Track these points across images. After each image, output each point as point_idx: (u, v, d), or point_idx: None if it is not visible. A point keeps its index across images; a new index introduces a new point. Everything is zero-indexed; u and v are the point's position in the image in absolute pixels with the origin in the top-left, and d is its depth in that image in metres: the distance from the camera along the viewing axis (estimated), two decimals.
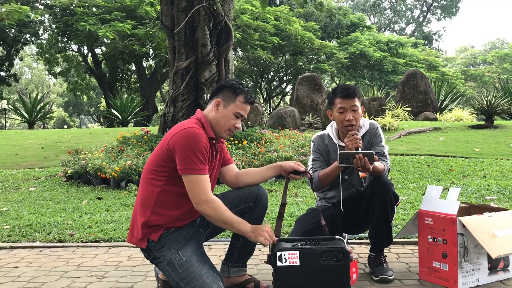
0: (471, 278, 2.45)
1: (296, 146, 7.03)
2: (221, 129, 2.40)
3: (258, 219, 2.50)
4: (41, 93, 27.54)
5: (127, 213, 4.56)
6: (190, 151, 2.22)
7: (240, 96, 2.39)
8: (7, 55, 25.93)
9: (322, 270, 2.21)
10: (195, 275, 2.19)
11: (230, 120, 2.39)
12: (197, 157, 2.23)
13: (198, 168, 2.23)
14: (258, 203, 2.49)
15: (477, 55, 46.91)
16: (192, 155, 2.22)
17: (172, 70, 7.35)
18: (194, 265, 2.23)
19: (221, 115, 2.39)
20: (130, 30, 16.02)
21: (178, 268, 2.23)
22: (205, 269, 2.23)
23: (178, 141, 2.25)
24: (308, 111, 14.33)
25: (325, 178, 2.75)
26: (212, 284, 2.18)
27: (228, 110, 2.38)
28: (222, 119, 2.38)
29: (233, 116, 2.39)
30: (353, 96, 2.74)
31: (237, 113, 2.39)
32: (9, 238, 3.89)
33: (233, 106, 2.38)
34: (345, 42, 25.55)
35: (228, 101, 2.39)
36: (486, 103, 11.63)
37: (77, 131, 15.31)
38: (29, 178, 7.46)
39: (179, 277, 2.21)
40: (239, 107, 2.39)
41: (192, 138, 2.24)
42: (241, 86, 2.42)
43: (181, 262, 2.23)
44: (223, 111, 2.38)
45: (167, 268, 2.26)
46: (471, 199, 4.67)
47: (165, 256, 2.27)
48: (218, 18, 7.24)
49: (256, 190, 2.51)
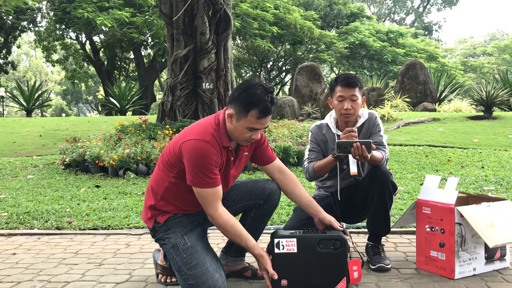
0: (468, 267, 2.46)
1: (295, 136, 7.02)
2: (236, 139, 2.27)
3: (264, 216, 2.48)
4: (39, 81, 27.35)
5: (125, 201, 4.56)
6: (197, 169, 2.16)
7: (253, 111, 2.14)
8: (4, 43, 25.78)
9: (319, 258, 2.22)
10: (199, 262, 2.20)
11: (244, 134, 2.22)
12: (204, 174, 2.16)
13: (206, 182, 2.17)
14: (268, 202, 2.45)
15: (476, 46, 46.78)
16: (199, 172, 2.17)
17: (170, 59, 7.31)
18: (198, 251, 2.23)
19: (234, 128, 2.22)
20: (128, 18, 15.89)
21: (182, 252, 2.23)
22: (209, 257, 2.23)
23: (187, 154, 2.19)
24: (307, 101, 14.31)
25: (319, 170, 2.78)
26: (215, 273, 2.18)
27: (240, 124, 2.19)
28: (235, 132, 2.23)
29: (246, 130, 2.20)
30: (353, 85, 2.73)
31: (251, 128, 2.20)
32: (7, 225, 3.89)
33: (245, 121, 2.18)
34: (345, 32, 25.45)
35: (240, 116, 2.18)
36: (485, 94, 11.63)
37: (75, 119, 15.27)
38: (27, 166, 7.45)
39: (183, 262, 2.21)
40: (252, 122, 2.17)
41: (201, 156, 2.16)
42: (255, 97, 2.14)
43: (186, 247, 2.23)
44: (236, 125, 2.20)
45: (171, 251, 2.26)
46: (469, 190, 4.68)
47: (170, 239, 2.27)
48: (217, 6, 7.19)
49: (269, 189, 2.45)
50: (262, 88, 2.16)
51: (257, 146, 2.45)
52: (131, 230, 3.66)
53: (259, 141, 2.43)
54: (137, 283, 2.47)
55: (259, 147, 2.45)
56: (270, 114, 2.18)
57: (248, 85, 2.19)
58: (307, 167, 2.85)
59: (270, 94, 2.16)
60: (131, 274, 2.63)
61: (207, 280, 2.15)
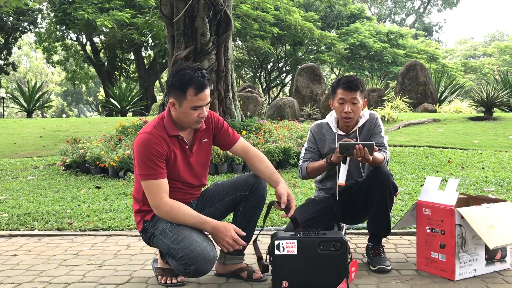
0: (469, 268, 2.46)
1: (295, 136, 7.03)
2: (187, 124, 2.37)
3: (253, 207, 2.49)
4: (39, 82, 27.38)
5: (125, 202, 4.56)
6: (140, 160, 2.29)
7: (190, 90, 2.25)
8: (5, 44, 25.79)
9: (319, 259, 2.22)
10: (186, 235, 2.25)
11: (191, 115, 2.31)
12: (147, 165, 2.27)
13: (149, 174, 2.28)
14: (254, 192, 2.47)
15: (477, 46, 46.77)
16: (142, 163, 2.29)
17: (171, 60, 7.31)
18: (184, 228, 2.29)
19: (180, 113, 2.32)
20: (129, 19, 15.89)
21: (169, 232, 2.30)
22: (196, 231, 2.29)
23: (133, 149, 2.36)
24: (307, 102, 14.31)
25: (312, 171, 2.82)
26: (203, 242, 2.24)
27: (184, 107, 2.29)
28: (183, 117, 2.33)
29: (191, 111, 2.30)
30: (355, 89, 2.73)
31: (194, 107, 2.29)
32: (7, 226, 3.89)
33: (186, 102, 2.28)
34: (345, 33, 25.44)
35: (180, 99, 2.29)
36: (486, 95, 11.62)
37: (75, 120, 15.27)
38: (28, 167, 7.45)
39: (170, 240, 2.27)
40: (193, 100, 2.27)
41: (141, 146, 2.29)
42: (186, 77, 2.25)
43: (172, 227, 2.30)
44: (180, 110, 2.31)
45: (160, 238, 2.33)
46: (469, 191, 4.68)
47: (158, 227, 2.35)
48: (218, 7, 7.19)
49: (253, 179, 2.49)
50: (190, 67, 2.29)
51: (217, 131, 2.51)
52: (131, 231, 3.67)
53: (218, 126, 2.51)
54: (138, 284, 2.47)
55: (219, 132, 2.52)
56: (206, 88, 2.28)
57: (177, 70, 2.31)
58: (301, 166, 2.88)
59: (199, 71, 2.28)
60: (132, 275, 2.63)
61: (195, 248, 2.21)
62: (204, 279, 2.51)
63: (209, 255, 2.22)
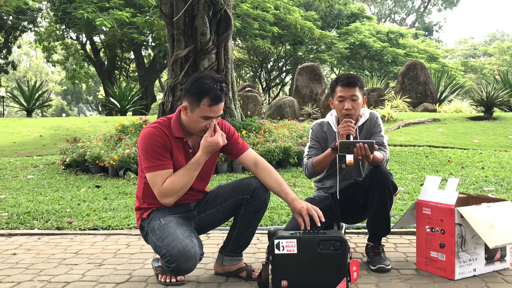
0: (468, 268, 2.46)
1: (295, 136, 7.03)
2: (193, 130, 2.39)
3: (254, 212, 2.46)
4: (39, 81, 27.35)
5: (125, 201, 4.56)
6: (145, 151, 2.35)
7: (205, 100, 2.27)
8: (4, 43, 25.76)
9: (319, 258, 2.22)
10: (170, 233, 2.29)
11: (199, 124, 2.33)
12: (152, 156, 2.32)
13: (155, 165, 2.32)
14: (255, 197, 2.44)
15: (477, 46, 46.78)
16: (147, 154, 2.33)
17: (171, 59, 7.31)
18: (171, 226, 2.32)
19: (190, 119, 2.34)
20: (129, 18, 15.89)
21: (157, 230, 2.34)
22: (181, 229, 2.32)
23: (138, 143, 2.41)
24: (307, 101, 14.31)
25: (318, 164, 2.76)
26: (185, 239, 2.26)
27: (195, 114, 2.31)
28: (191, 123, 2.35)
29: (201, 119, 2.31)
30: (353, 85, 2.73)
31: (205, 117, 2.31)
32: (7, 225, 3.89)
33: (198, 110, 2.30)
34: (345, 32, 25.43)
35: (193, 106, 2.30)
36: (486, 94, 11.63)
37: (75, 120, 15.27)
38: (27, 166, 7.45)
39: (156, 238, 2.32)
40: (206, 111, 2.29)
41: (145, 138, 2.35)
42: (205, 87, 2.26)
43: (160, 225, 2.35)
44: (191, 116, 2.33)
45: (150, 235, 2.38)
46: (469, 190, 4.68)
47: (150, 225, 2.40)
48: (218, 7, 7.19)
49: (255, 183, 2.46)
50: (211, 78, 2.30)
51: (226, 139, 2.47)
52: (131, 230, 3.67)
53: (228, 135, 2.49)
54: (137, 283, 2.47)
55: (229, 141, 2.49)
56: (221, 101, 2.30)
57: (198, 77, 2.32)
58: (306, 163, 2.85)
59: (219, 83, 2.29)
60: (131, 274, 2.63)
61: (176, 245, 2.24)
62: (203, 278, 2.51)
63: (190, 252, 2.23)
